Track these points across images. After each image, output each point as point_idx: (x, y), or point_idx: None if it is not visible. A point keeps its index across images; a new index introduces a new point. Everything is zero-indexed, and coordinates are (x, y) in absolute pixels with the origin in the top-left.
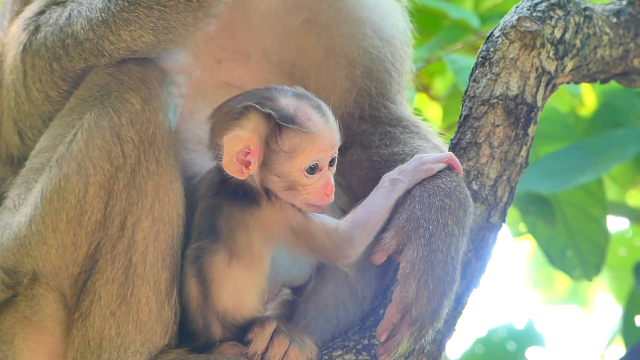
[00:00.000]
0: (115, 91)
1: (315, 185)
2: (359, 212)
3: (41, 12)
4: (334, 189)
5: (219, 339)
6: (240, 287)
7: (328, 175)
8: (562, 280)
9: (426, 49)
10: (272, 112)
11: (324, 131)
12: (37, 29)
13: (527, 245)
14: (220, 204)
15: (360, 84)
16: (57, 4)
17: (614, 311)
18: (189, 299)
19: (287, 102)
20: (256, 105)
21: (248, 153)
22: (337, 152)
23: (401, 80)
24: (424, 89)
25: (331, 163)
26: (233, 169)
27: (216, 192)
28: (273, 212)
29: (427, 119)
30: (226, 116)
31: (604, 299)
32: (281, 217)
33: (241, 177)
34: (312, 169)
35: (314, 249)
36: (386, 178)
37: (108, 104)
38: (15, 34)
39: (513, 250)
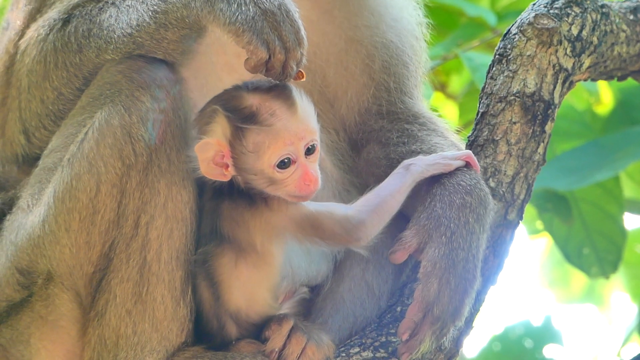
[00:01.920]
0: (126, 89)
1: (293, 178)
2: (370, 196)
3: (75, 7)
4: (317, 177)
5: (235, 338)
6: (250, 285)
7: (306, 165)
8: (578, 278)
9: (443, 47)
10: (230, 114)
11: (288, 124)
12: (67, 22)
13: (543, 244)
14: (219, 206)
15: (379, 79)
16: (93, 1)
17: (630, 310)
18: (202, 302)
19: (252, 100)
20: (219, 108)
21: (223, 155)
22: (316, 139)
23: (418, 74)
24: (441, 86)
25: (309, 152)
26: (214, 174)
27: (214, 195)
28: (272, 211)
29: (443, 116)
30: (198, 121)
31: (620, 298)
32: (282, 215)
33: (225, 180)
34: (284, 163)
35: (324, 237)
36: (401, 165)
37: (119, 102)
38: (39, 34)
39: (529, 248)
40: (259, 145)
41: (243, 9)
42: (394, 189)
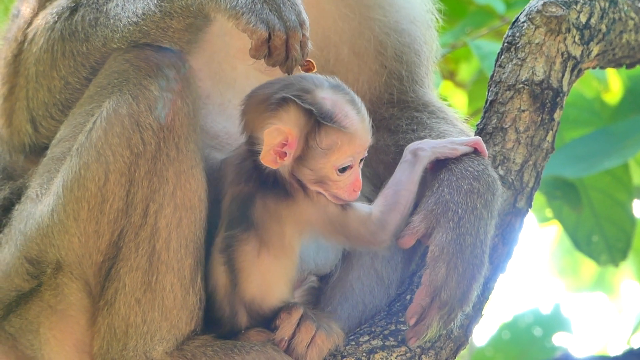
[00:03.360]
0: (134, 78)
1: (345, 182)
2: (388, 194)
3: None
4: (362, 184)
5: (245, 327)
6: (269, 276)
7: (358, 172)
8: (588, 266)
9: (452, 35)
10: (312, 108)
11: (360, 131)
12: (75, 10)
13: (553, 232)
14: (252, 193)
15: (390, 66)
16: None
17: None
18: (217, 287)
19: (324, 95)
20: (296, 100)
21: (285, 144)
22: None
23: (429, 63)
24: (450, 75)
25: (361, 160)
26: (268, 160)
27: (247, 180)
28: (309, 205)
29: (452, 105)
30: (262, 106)
31: (630, 286)
32: (317, 210)
33: (274, 167)
34: (345, 168)
35: (350, 237)
36: (408, 150)
37: (127, 91)
38: (47, 22)
39: (539, 236)
40: (332, 145)
41: None
42: (408, 180)
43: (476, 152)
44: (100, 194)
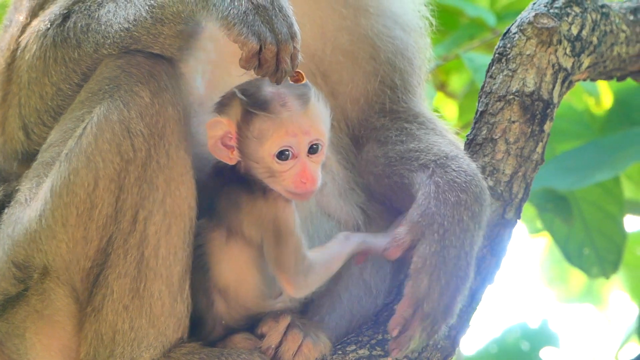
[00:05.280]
0: (125, 84)
1: (291, 172)
2: (320, 256)
3: (74, 3)
4: (316, 178)
5: (226, 321)
6: (239, 264)
7: (306, 162)
8: (577, 277)
9: (443, 47)
10: (244, 98)
11: (295, 117)
12: (67, 17)
13: (543, 243)
14: (220, 184)
15: (383, 72)
16: None
17: (630, 309)
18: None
19: (270, 89)
20: (236, 92)
21: (232, 138)
22: (321, 140)
23: (421, 72)
24: (441, 86)
25: (313, 151)
26: (220, 154)
27: (216, 174)
28: (265, 204)
29: (443, 116)
30: (218, 102)
31: (619, 297)
32: (271, 211)
33: (230, 162)
34: (284, 155)
35: (279, 257)
36: (341, 234)
37: (118, 97)
38: (39, 29)
39: (528, 247)
40: (263, 132)
41: (235, 4)
42: (337, 255)
43: (461, 163)
44: (90, 200)
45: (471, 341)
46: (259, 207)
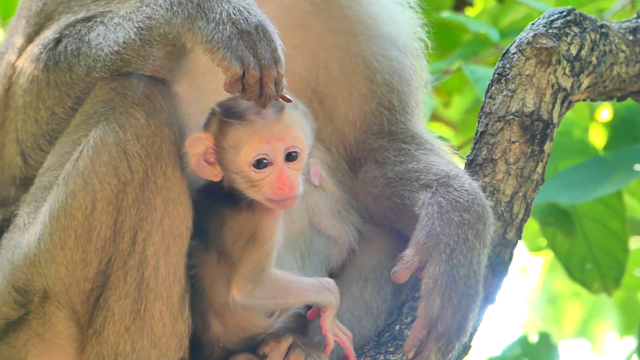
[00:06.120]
0: (120, 106)
1: (268, 180)
2: (284, 277)
3: (66, 27)
4: (295, 183)
5: (224, 343)
6: None
7: (282, 168)
8: (570, 315)
9: (446, 63)
10: (218, 109)
11: (270, 124)
12: (59, 41)
13: (535, 278)
14: (208, 204)
15: (381, 94)
16: (84, 21)
17: (623, 347)
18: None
19: (247, 101)
20: (215, 107)
21: (213, 153)
22: (299, 147)
23: (419, 93)
24: (442, 105)
25: (290, 158)
26: (203, 172)
27: (204, 193)
28: (251, 215)
29: (442, 136)
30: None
31: (613, 337)
32: (255, 222)
33: (215, 179)
34: (260, 163)
35: (241, 258)
36: (328, 279)
37: (113, 119)
38: (33, 54)
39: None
40: (238, 141)
41: (220, 28)
42: (303, 290)
43: (463, 182)
44: (88, 223)
45: None
46: (243, 220)
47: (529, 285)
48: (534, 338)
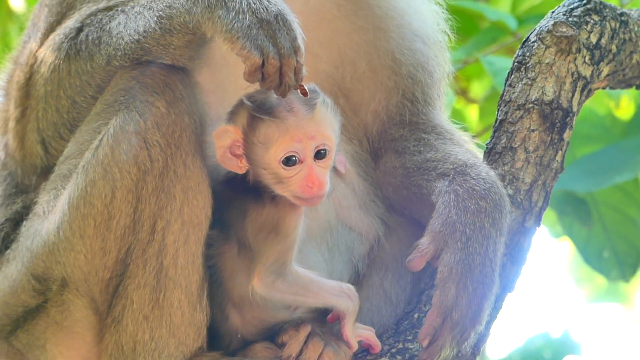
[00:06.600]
0: (140, 95)
1: (297, 177)
2: (306, 274)
3: (88, 16)
4: (323, 182)
5: (242, 334)
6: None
7: (312, 167)
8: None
9: (463, 51)
10: (249, 103)
11: (299, 121)
12: (80, 30)
13: (567, 246)
14: (230, 195)
15: (404, 87)
16: (105, 10)
17: None
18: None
19: (279, 97)
20: (244, 99)
21: (240, 146)
22: (329, 145)
23: (441, 84)
24: (462, 92)
25: (320, 156)
26: (229, 164)
27: (227, 184)
28: (274, 209)
29: (463, 123)
30: (228, 113)
31: None
32: (278, 215)
33: (239, 172)
34: (290, 161)
35: (263, 249)
36: (349, 286)
37: (133, 108)
38: (55, 43)
39: (553, 249)
40: (269, 137)
41: (240, 17)
42: (324, 291)
43: (480, 170)
44: (107, 211)
45: (494, 350)
46: (266, 213)
47: (560, 251)
48: (556, 333)
